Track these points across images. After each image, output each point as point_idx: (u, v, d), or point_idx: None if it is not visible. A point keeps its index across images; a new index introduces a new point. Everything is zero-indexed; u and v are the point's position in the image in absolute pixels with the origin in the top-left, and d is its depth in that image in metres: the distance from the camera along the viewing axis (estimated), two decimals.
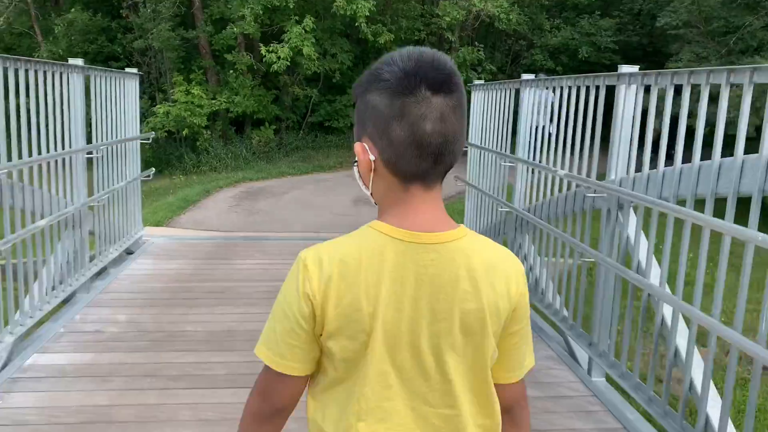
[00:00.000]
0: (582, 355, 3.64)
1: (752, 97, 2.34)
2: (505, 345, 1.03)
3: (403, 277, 0.93)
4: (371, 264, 0.93)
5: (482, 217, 5.74)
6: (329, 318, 0.94)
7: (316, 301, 0.93)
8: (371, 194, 1.00)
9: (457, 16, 12.67)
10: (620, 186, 3.27)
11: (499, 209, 5.08)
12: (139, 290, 4.64)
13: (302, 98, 13.27)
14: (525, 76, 4.81)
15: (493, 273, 0.97)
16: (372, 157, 0.95)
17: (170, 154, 12.50)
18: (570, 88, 3.87)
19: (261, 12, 11.19)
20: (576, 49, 15.76)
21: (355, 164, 0.99)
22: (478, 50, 13.66)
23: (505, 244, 5.09)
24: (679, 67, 11.53)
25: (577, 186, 3.77)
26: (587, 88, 3.65)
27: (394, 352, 0.95)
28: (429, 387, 0.97)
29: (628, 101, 3.32)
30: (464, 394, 0.99)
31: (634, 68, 3.34)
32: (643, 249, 3.08)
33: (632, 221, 3.22)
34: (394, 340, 0.94)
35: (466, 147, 6.30)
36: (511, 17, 13.97)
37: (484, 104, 5.84)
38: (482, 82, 6.20)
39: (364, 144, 0.96)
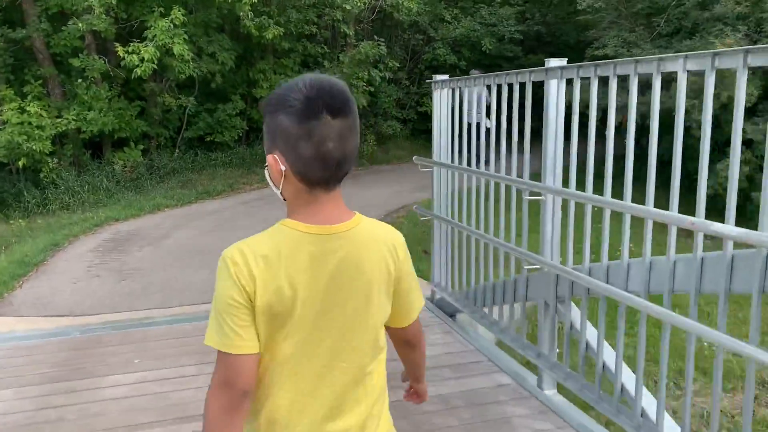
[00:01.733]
0: None
1: None
2: (399, 296, 1.32)
3: (317, 264, 1.18)
4: (290, 255, 1.16)
5: (471, 267, 3.98)
6: (258, 302, 1.15)
7: (249, 289, 1.14)
8: (281, 193, 1.22)
9: (359, 4, 10.86)
10: None
11: (524, 266, 3.35)
12: None
13: (175, 109, 10.87)
14: (552, 62, 3.11)
15: (382, 245, 1.27)
16: (283, 168, 1.17)
17: (4, 192, 9.63)
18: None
19: (114, 2, 8.74)
20: (478, 42, 14.56)
21: (266, 168, 1.22)
22: (379, 44, 11.99)
23: (534, 324, 3.39)
24: (607, 54, 10.51)
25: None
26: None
27: (314, 323, 1.19)
28: (343, 347, 1.23)
29: None
30: (370, 346, 1.27)
31: None
32: None
33: None
34: (314, 315, 1.19)
35: (430, 168, 4.63)
36: (411, 5, 12.42)
37: (457, 107, 4.13)
38: (446, 77, 4.47)
39: (276, 156, 1.18)
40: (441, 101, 4.53)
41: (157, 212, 8.72)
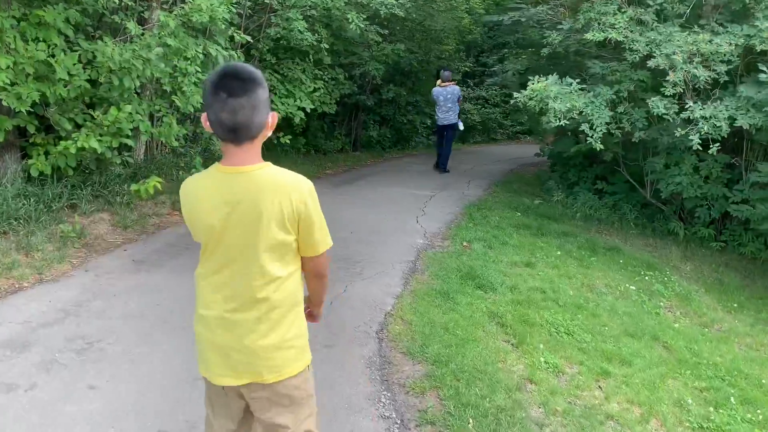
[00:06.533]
0: None
1: None
2: (301, 232, 1.87)
3: (224, 197, 1.81)
4: (207, 187, 1.85)
5: None
6: (187, 220, 1.90)
7: (184, 209, 1.91)
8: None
9: None
10: None
11: None
12: None
13: None
14: None
15: (280, 187, 1.81)
16: (207, 126, 1.82)
17: None
18: None
19: None
20: (342, 16, 9.82)
21: None
22: None
23: None
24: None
25: None
26: None
27: (221, 243, 1.85)
28: (244, 266, 1.85)
29: None
30: (266, 268, 1.85)
31: None
32: None
33: None
34: (220, 236, 1.83)
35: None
36: None
37: None
38: None
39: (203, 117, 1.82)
40: None
41: None
